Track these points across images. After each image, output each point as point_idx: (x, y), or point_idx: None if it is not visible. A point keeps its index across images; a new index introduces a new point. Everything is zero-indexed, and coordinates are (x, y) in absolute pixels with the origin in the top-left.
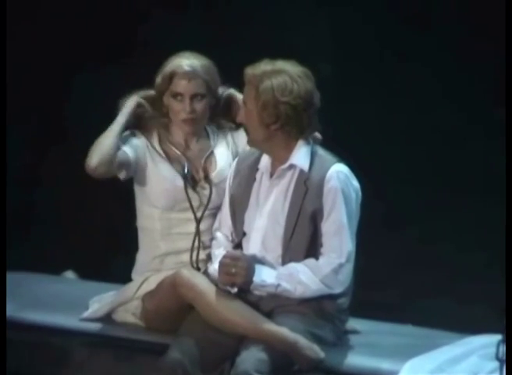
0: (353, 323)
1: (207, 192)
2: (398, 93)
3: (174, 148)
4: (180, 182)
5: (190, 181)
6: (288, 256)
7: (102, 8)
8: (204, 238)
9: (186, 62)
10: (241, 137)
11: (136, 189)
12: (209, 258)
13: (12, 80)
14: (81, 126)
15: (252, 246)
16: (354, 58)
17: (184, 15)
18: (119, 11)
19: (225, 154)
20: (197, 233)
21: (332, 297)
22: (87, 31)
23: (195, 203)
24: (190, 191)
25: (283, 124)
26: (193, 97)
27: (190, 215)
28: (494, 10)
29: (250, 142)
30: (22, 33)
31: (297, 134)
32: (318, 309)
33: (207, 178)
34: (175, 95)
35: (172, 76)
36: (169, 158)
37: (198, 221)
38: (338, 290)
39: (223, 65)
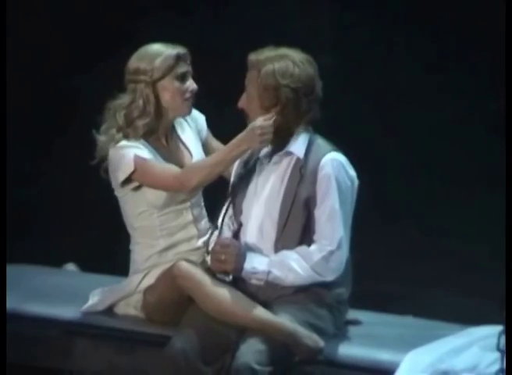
0: (353, 315)
1: None
2: (399, 86)
3: (163, 143)
4: None
5: None
6: (281, 243)
7: (101, 6)
8: (200, 226)
9: (177, 47)
10: (197, 116)
11: (131, 193)
12: (205, 245)
13: (11, 78)
14: (80, 122)
15: (249, 234)
16: (354, 51)
17: (184, 11)
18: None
19: (193, 139)
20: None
21: (329, 287)
22: (85, 30)
23: (187, 196)
24: None
25: (283, 108)
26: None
27: (185, 205)
28: (494, 8)
29: None
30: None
31: (296, 119)
32: (317, 300)
33: None
34: (179, 76)
35: (178, 59)
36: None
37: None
38: (330, 277)
39: (222, 59)
